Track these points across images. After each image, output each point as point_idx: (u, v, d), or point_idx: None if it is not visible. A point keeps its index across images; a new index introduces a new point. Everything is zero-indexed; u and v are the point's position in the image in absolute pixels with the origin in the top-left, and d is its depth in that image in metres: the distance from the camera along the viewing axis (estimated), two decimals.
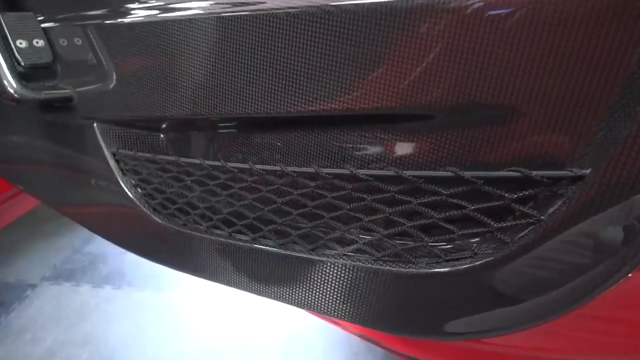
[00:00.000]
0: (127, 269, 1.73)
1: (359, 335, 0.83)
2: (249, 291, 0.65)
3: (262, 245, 0.59)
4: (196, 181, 0.65)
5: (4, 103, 0.91)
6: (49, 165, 0.93)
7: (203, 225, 0.66)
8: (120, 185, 0.75)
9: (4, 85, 0.70)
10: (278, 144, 0.56)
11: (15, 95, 0.70)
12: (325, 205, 0.52)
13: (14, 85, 0.70)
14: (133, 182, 0.75)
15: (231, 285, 0.66)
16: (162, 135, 0.77)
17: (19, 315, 1.51)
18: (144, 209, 0.74)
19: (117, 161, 0.75)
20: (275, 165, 0.55)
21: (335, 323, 0.88)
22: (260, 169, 0.56)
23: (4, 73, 0.70)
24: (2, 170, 1.15)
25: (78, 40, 0.75)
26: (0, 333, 1.44)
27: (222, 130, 0.63)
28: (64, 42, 0.76)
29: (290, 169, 0.53)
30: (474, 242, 0.44)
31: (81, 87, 0.75)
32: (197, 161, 0.63)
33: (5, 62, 0.70)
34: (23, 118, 0.90)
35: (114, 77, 0.69)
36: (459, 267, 0.44)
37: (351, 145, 0.48)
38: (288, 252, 0.56)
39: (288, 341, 1.44)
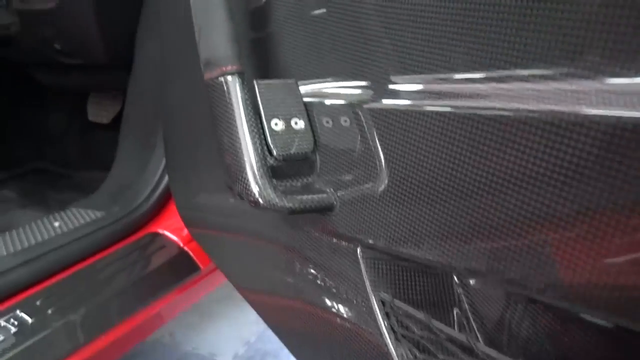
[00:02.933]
0: None
1: None
2: None
3: None
4: None
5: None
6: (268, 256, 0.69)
7: None
8: (389, 353, 0.46)
9: (247, 182, 0.47)
10: None
11: (260, 200, 0.47)
12: None
13: (260, 184, 0.47)
14: (409, 356, 0.45)
15: None
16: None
17: None
18: None
19: (387, 315, 0.47)
20: None
21: None
22: None
23: (252, 166, 0.47)
24: (200, 237, 0.94)
25: (346, 120, 0.50)
26: None
27: None
28: (328, 122, 0.52)
29: None
30: None
31: (345, 190, 0.49)
32: None
33: (255, 152, 0.47)
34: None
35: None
36: None
37: None
38: None
39: None
